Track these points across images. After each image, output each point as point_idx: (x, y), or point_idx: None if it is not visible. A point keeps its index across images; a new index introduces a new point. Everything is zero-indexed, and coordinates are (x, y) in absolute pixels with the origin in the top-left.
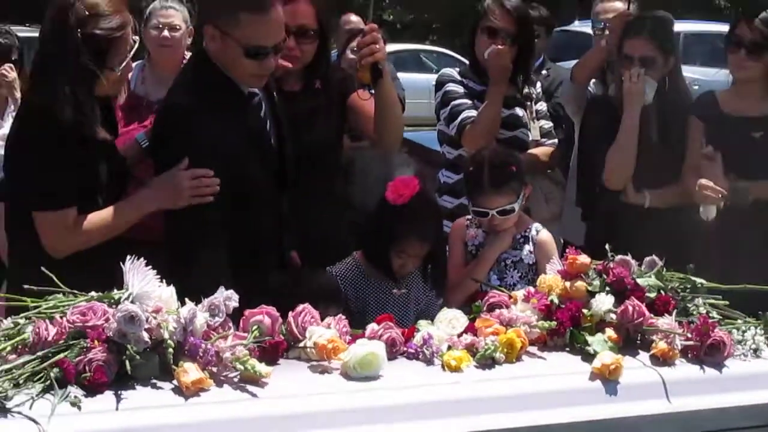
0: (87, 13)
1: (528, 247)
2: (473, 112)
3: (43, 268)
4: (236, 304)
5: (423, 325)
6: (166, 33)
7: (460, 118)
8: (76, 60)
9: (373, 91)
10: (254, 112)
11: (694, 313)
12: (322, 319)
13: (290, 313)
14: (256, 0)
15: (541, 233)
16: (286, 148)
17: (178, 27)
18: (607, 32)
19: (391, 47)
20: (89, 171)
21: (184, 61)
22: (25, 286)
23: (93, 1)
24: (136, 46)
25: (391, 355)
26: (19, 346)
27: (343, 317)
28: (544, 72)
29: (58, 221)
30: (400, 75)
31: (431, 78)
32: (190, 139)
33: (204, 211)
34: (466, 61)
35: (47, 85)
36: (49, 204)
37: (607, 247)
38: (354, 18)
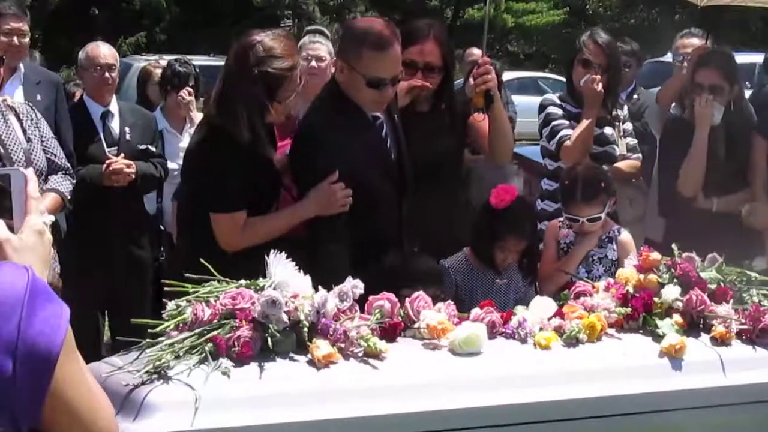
0: (264, 54)
1: (612, 246)
2: (570, 131)
3: (202, 260)
4: (362, 291)
5: (519, 310)
6: (313, 63)
7: (558, 136)
8: (252, 92)
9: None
10: (376, 132)
11: (749, 301)
12: (434, 303)
13: (407, 299)
14: (377, 39)
15: (623, 234)
16: (405, 162)
17: (323, 58)
18: (685, 63)
19: (514, 74)
20: (256, 181)
21: None
22: (186, 274)
23: (270, 44)
24: (302, 84)
25: (492, 335)
26: (180, 324)
27: (452, 303)
28: (635, 96)
29: (231, 222)
30: (521, 98)
31: None
32: (320, 154)
33: (340, 215)
34: None
35: (228, 111)
36: (224, 207)
37: (674, 246)
38: (476, 51)
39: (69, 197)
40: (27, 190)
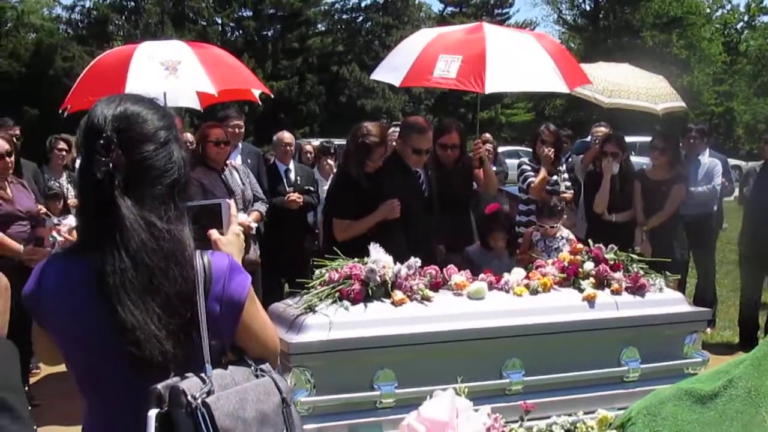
0: (366, 133)
1: (560, 241)
2: (534, 178)
3: (335, 248)
4: (419, 264)
5: (505, 275)
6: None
7: (528, 181)
8: (359, 153)
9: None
10: (417, 178)
11: (632, 270)
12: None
13: (445, 269)
14: (419, 128)
15: (568, 233)
16: (433, 196)
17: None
18: (597, 142)
19: (506, 148)
20: (357, 200)
21: None
22: (325, 255)
23: (370, 129)
24: (388, 153)
25: (490, 289)
26: (322, 282)
27: (469, 271)
28: (570, 159)
29: (341, 223)
30: (511, 161)
31: None
32: (386, 188)
33: (396, 219)
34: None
35: (348, 162)
36: (339, 215)
37: (590, 240)
38: (487, 135)
39: (264, 213)
40: (230, 211)
